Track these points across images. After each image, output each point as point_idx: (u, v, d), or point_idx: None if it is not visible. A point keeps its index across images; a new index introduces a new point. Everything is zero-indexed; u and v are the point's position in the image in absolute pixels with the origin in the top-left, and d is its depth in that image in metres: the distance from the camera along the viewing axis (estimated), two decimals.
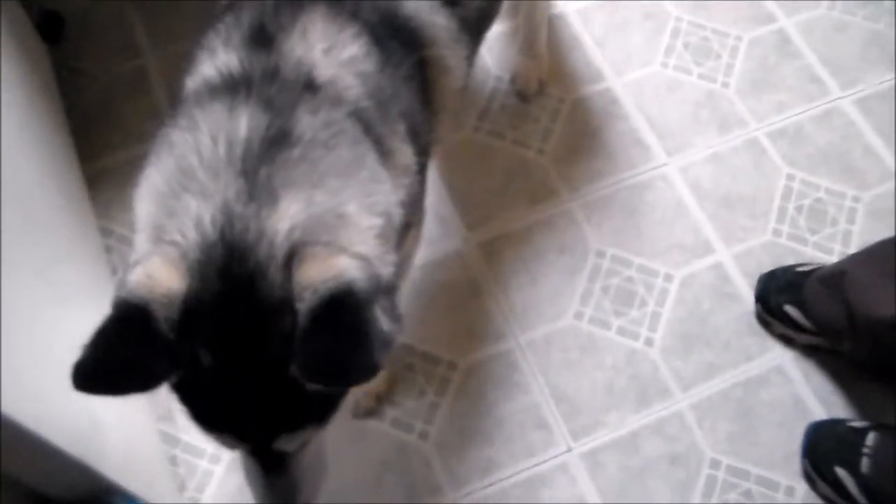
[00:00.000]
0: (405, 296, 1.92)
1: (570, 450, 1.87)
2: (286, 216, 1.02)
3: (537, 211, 2.12)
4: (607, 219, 2.12)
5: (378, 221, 1.12)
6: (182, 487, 1.80)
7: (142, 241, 1.09)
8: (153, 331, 0.98)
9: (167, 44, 2.29)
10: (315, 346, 0.97)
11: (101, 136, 2.17)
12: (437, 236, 2.07)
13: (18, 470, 1.24)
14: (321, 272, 0.99)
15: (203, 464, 1.83)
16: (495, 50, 2.33)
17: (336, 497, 1.77)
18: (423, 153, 1.40)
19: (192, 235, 1.01)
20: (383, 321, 1.00)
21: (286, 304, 0.99)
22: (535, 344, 1.97)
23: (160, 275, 0.99)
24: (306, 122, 1.10)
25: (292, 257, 1.00)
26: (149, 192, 1.11)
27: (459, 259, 2.06)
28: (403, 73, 1.31)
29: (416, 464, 1.84)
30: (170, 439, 1.84)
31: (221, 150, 1.06)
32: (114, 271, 2.00)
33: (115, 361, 0.98)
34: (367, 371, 0.97)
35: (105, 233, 2.05)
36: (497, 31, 2.29)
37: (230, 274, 1.00)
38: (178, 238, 1.02)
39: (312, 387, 1.00)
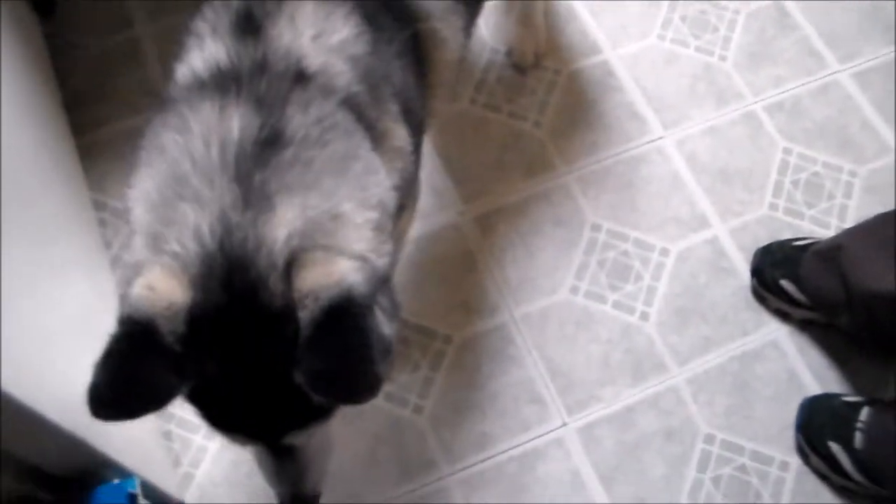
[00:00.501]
0: (400, 269, 1.92)
1: (565, 424, 1.87)
2: (283, 223, 1.02)
3: (533, 184, 2.11)
4: (603, 192, 2.11)
5: (374, 215, 1.11)
6: (177, 463, 1.81)
7: (139, 245, 1.08)
8: (160, 346, 0.98)
9: (160, 15, 2.27)
10: (318, 359, 0.98)
11: (95, 109, 2.15)
12: (432, 209, 2.06)
13: (13, 444, 1.24)
14: (321, 278, 0.99)
15: (197, 439, 1.82)
16: (492, 22, 2.31)
17: (330, 472, 1.77)
18: (417, 129, 1.39)
19: (192, 246, 1.01)
20: (383, 324, 1.02)
21: (289, 311, 1.00)
22: (530, 318, 1.97)
23: (162, 287, 0.99)
24: (298, 120, 1.09)
25: (292, 265, 1.00)
26: (143, 196, 1.10)
27: (455, 232, 2.05)
28: (396, 49, 1.29)
29: (411, 438, 1.84)
30: (164, 414, 1.83)
31: (214, 153, 1.05)
32: (107, 245, 1.99)
33: (127, 383, 0.98)
34: (370, 387, 0.98)
35: (98, 206, 2.04)
36: (494, 3, 2.27)
37: (232, 285, 1.00)
38: (177, 248, 1.02)
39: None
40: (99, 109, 2.15)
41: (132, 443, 1.61)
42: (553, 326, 1.96)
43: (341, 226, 1.06)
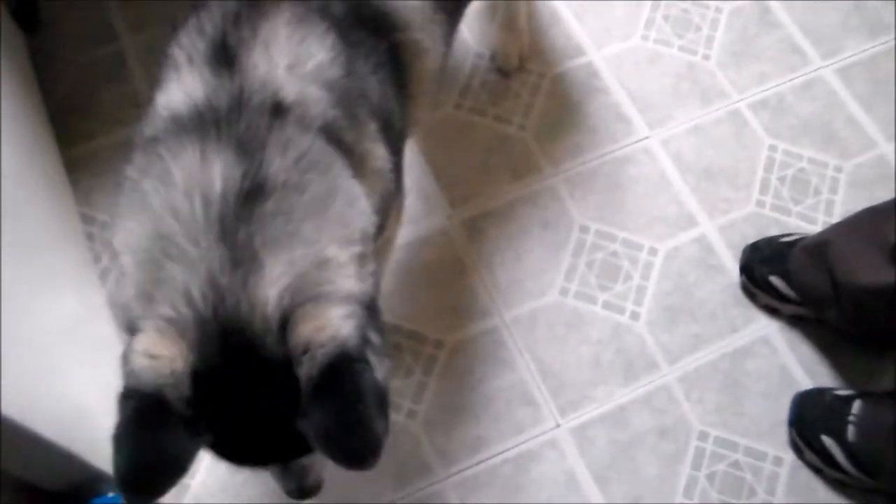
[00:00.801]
0: (389, 275, 1.92)
1: (558, 426, 1.87)
2: (272, 282, 1.03)
3: (520, 187, 2.12)
4: (590, 193, 2.12)
5: (357, 248, 1.13)
6: None
7: (130, 294, 1.08)
8: (172, 415, 1.00)
9: (144, 29, 2.27)
10: (320, 424, 1.01)
11: (81, 123, 2.15)
12: (420, 214, 2.06)
13: (7, 462, 1.24)
14: (314, 335, 1.01)
15: None
16: (475, 26, 2.31)
17: (326, 479, 1.77)
18: (399, 139, 1.40)
19: (185, 311, 1.02)
20: (377, 368, 1.05)
21: (287, 366, 1.02)
22: (520, 320, 1.97)
23: (162, 352, 1.00)
24: (278, 164, 1.09)
25: (285, 323, 1.02)
26: (129, 247, 1.10)
27: (443, 237, 2.06)
28: (374, 62, 1.29)
29: (405, 444, 1.84)
30: None
31: (198, 210, 1.05)
32: (96, 258, 1.99)
33: (151, 463, 1.00)
34: (372, 453, 1.02)
35: (86, 220, 2.03)
36: (477, 7, 2.27)
37: (229, 349, 1.02)
38: (170, 313, 1.03)
39: None
40: (86, 123, 2.15)
41: None
42: (543, 328, 1.97)
43: (328, 271, 1.08)
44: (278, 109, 1.14)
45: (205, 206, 1.05)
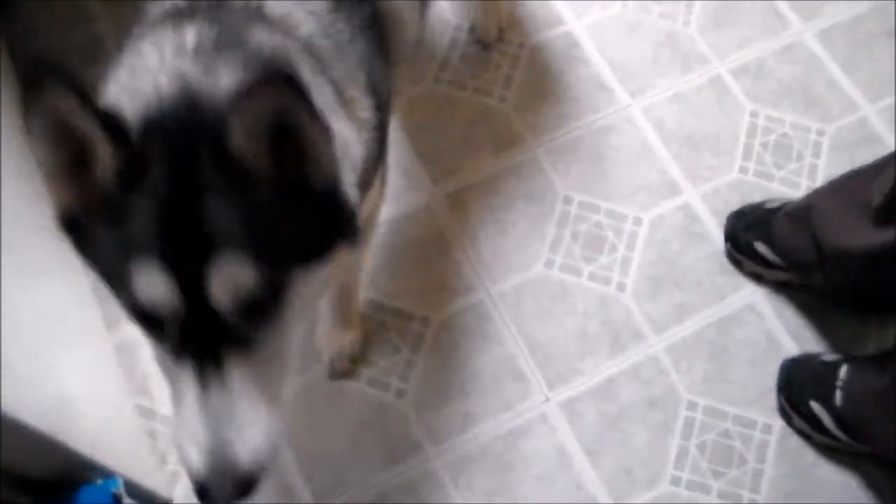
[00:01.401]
0: (373, 253, 1.91)
1: (547, 400, 1.87)
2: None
3: (503, 159, 2.11)
4: (573, 164, 2.11)
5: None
6: (163, 461, 1.79)
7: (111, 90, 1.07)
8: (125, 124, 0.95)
9: (121, 9, 2.23)
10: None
11: None
12: (402, 190, 2.05)
13: None
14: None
15: None
16: None
17: (315, 458, 1.78)
18: (382, 107, 1.38)
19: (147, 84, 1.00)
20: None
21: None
22: (506, 294, 1.96)
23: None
24: (264, 37, 1.07)
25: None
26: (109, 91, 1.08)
27: (426, 212, 2.05)
28: (359, 21, 1.28)
29: (395, 422, 1.84)
30: (147, 413, 1.82)
31: (171, 55, 1.03)
32: None
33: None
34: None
35: None
36: None
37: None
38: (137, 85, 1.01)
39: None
40: None
41: (115, 443, 1.60)
42: (529, 301, 1.96)
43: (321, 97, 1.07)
44: (262, 15, 1.12)
45: (178, 51, 1.03)
